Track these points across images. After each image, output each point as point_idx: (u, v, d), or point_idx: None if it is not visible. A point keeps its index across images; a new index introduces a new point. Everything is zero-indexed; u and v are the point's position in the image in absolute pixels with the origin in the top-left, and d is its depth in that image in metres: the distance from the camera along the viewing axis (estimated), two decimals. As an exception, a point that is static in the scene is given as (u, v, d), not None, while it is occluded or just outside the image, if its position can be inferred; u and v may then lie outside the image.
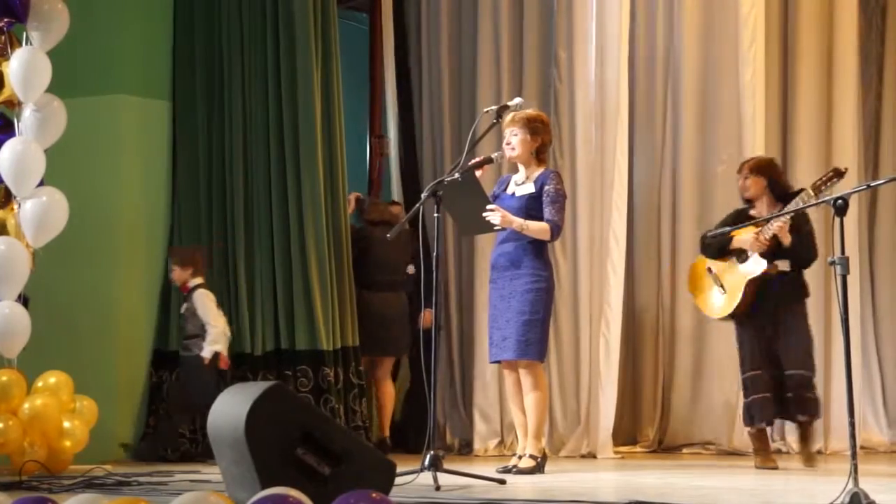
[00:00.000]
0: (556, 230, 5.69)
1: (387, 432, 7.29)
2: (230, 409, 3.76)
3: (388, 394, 7.37)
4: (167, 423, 6.83)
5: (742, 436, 7.18)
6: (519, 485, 5.05)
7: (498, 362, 5.95)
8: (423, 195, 5.22)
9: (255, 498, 2.61)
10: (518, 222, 5.56)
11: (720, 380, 7.39)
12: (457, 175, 5.26)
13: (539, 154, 5.82)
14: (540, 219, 5.65)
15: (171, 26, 7.22)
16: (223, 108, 7.07)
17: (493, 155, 5.70)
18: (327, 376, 6.76)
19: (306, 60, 6.90)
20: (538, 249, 5.74)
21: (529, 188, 5.73)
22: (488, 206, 5.49)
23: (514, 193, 5.76)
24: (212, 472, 5.08)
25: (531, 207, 5.67)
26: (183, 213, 7.10)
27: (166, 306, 7.00)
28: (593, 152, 7.21)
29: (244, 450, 3.55)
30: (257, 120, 7.00)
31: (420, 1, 7.96)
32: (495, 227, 5.58)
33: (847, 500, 3.56)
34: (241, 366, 6.83)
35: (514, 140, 5.74)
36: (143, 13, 7.16)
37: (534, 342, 5.68)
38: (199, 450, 6.63)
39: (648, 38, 7.68)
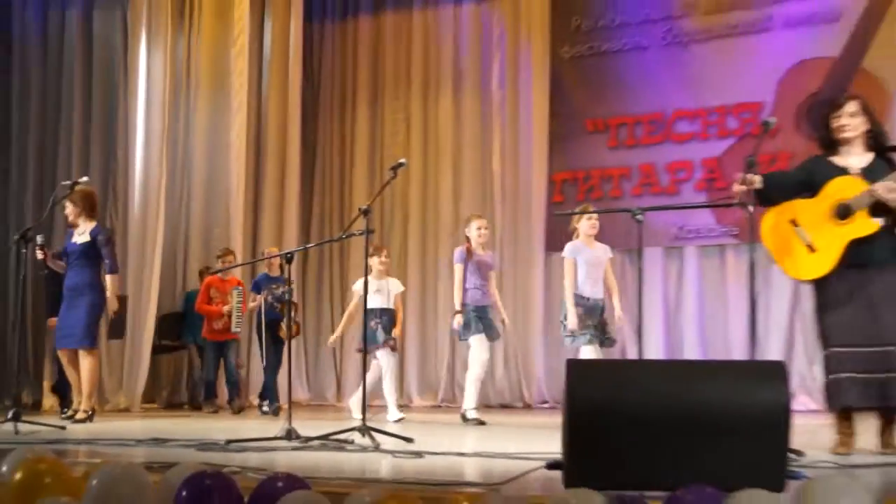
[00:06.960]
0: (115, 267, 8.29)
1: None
2: None
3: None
4: None
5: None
6: (76, 429, 6.88)
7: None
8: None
9: None
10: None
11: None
12: None
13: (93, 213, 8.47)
14: (97, 257, 8.18)
15: None
16: None
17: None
18: None
19: None
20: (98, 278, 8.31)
21: (86, 238, 8.26)
22: None
23: (76, 241, 8.23)
24: None
25: (90, 250, 8.18)
26: None
27: None
28: (137, 214, 10.09)
29: None
30: None
31: (20, 71, 10.46)
32: None
33: (282, 434, 5.23)
34: None
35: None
36: None
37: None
38: None
39: (172, 134, 10.72)
